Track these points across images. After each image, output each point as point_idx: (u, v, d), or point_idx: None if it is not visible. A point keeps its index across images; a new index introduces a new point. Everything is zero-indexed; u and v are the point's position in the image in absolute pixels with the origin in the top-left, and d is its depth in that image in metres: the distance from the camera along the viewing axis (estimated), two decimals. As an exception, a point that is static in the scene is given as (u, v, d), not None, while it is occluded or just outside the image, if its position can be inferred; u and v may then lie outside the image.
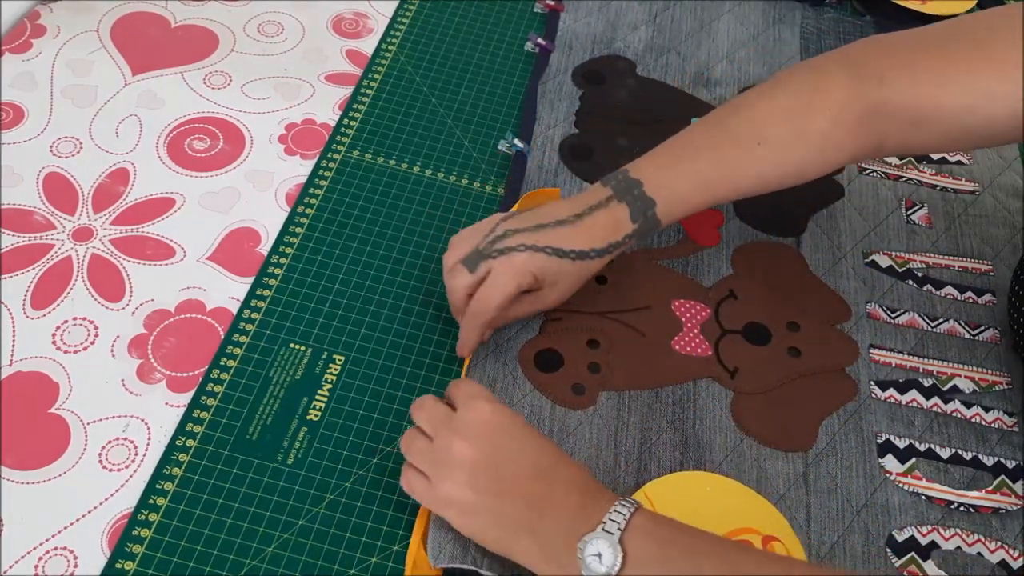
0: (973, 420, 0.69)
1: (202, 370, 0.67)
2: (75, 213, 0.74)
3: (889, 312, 0.74)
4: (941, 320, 0.74)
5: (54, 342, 0.67)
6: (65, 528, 0.59)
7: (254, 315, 0.70)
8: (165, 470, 0.62)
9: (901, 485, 0.65)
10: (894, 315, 0.74)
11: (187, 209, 0.76)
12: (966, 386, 0.71)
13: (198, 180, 0.78)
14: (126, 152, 0.79)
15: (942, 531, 0.63)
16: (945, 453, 0.67)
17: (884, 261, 0.78)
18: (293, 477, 0.62)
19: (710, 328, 0.72)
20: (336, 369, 0.68)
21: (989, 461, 0.67)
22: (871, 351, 0.72)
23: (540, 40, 0.91)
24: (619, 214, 0.65)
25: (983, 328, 0.74)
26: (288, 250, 0.74)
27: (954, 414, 0.69)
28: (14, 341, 0.67)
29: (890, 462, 0.66)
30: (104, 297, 0.70)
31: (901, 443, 0.67)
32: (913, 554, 0.62)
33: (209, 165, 0.79)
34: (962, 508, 0.64)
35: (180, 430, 0.64)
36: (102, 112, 0.81)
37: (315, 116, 0.84)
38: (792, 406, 0.68)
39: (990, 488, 0.65)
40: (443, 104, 0.86)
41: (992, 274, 0.78)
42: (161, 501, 0.60)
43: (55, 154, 0.78)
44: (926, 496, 0.65)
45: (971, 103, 0.62)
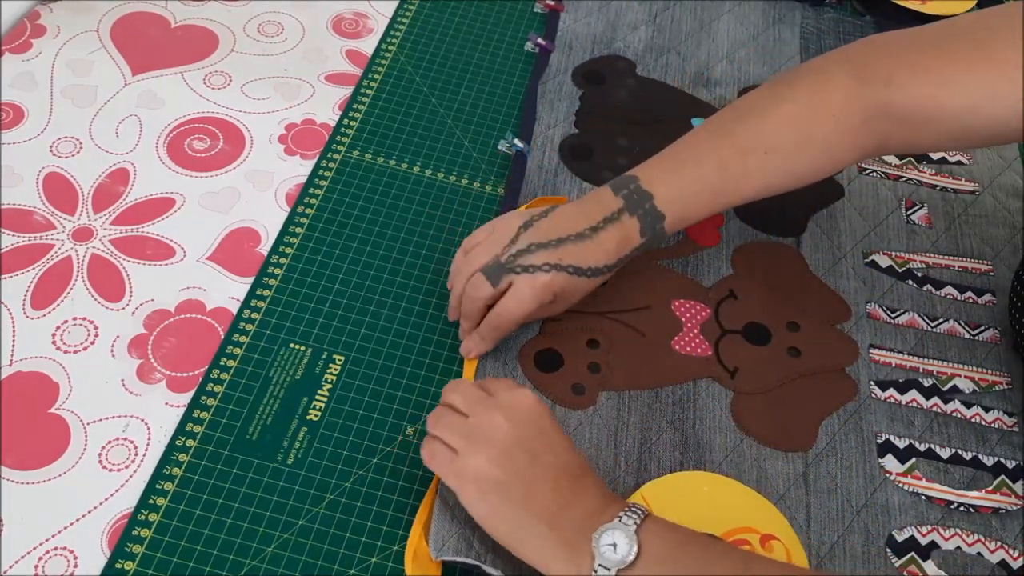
0: (973, 420, 0.69)
1: (202, 370, 0.67)
2: (75, 213, 0.74)
3: (889, 312, 0.74)
4: (941, 320, 0.74)
5: (54, 342, 0.67)
6: (65, 528, 0.59)
7: (254, 315, 0.70)
8: (165, 470, 0.62)
9: (901, 485, 0.65)
10: (894, 315, 0.74)
11: (187, 209, 0.76)
12: (966, 386, 0.71)
13: (198, 180, 0.78)
14: (126, 152, 0.79)
15: (942, 531, 0.63)
16: (945, 453, 0.67)
17: (884, 261, 0.78)
18: (293, 477, 0.62)
19: (710, 328, 0.72)
20: (336, 369, 0.68)
21: (989, 461, 0.67)
22: (871, 351, 0.72)
23: (540, 40, 0.91)
24: (630, 229, 0.66)
25: (983, 328, 0.74)
26: (288, 250, 0.74)
27: (954, 414, 0.69)
28: (14, 341, 0.67)
29: (890, 462, 0.66)
30: (104, 297, 0.70)
31: (901, 443, 0.67)
32: (913, 554, 0.62)
33: (209, 165, 0.79)
34: (962, 508, 0.64)
35: (180, 430, 0.64)
36: (102, 112, 0.81)
37: (315, 116, 0.84)
38: (792, 406, 0.68)
39: (990, 488, 0.65)
40: (443, 104, 0.86)
41: (992, 274, 0.78)
42: (161, 501, 0.60)
43: (55, 154, 0.78)
44: (926, 496, 0.65)
45: (974, 104, 0.62)
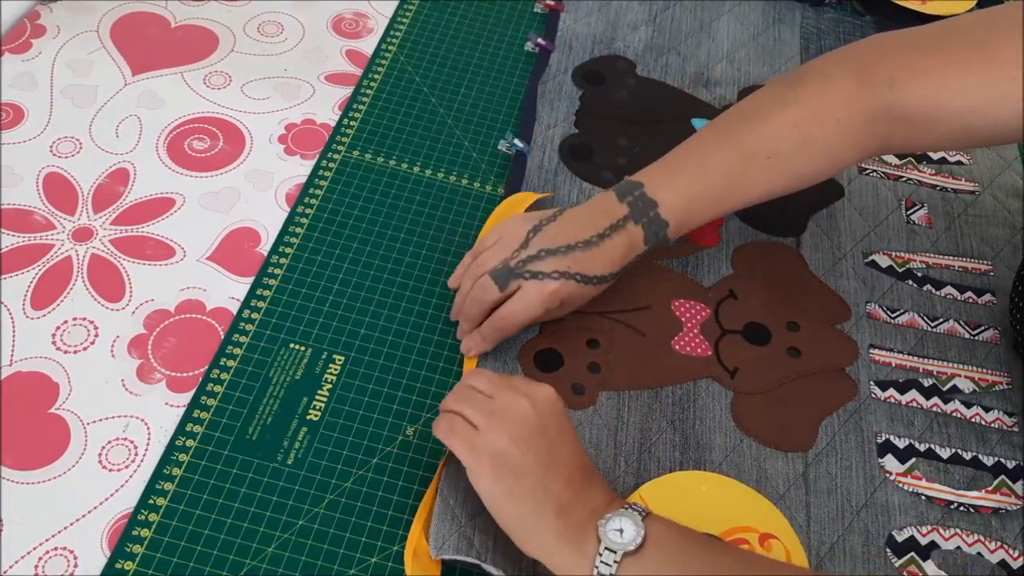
0: (973, 420, 0.69)
1: (202, 370, 0.67)
2: (75, 213, 0.74)
3: (889, 312, 0.74)
4: (941, 320, 0.74)
5: (54, 342, 0.67)
6: (65, 528, 0.59)
7: (254, 315, 0.70)
8: (165, 470, 0.62)
9: (901, 485, 0.65)
10: (894, 315, 0.74)
11: (187, 209, 0.76)
12: (966, 386, 0.71)
13: (198, 180, 0.78)
14: (126, 152, 0.79)
15: (942, 531, 0.63)
16: (945, 453, 0.67)
17: (884, 261, 0.78)
18: (293, 477, 0.62)
19: (710, 328, 0.72)
20: (336, 369, 0.68)
21: (989, 461, 0.67)
22: (871, 351, 0.72)
23: (540, 40, 0.91)
24: (634, 236, 0.66)
25: (983, 328, 0.74)
26: (288, 250, 0.74)
27: (954, 414, 0.69)
28: (14, 341, 0.67)
29: (890, 462, 0.66)
30: (104, 297, 0.70)
31: (901, 443, 0.67)
32: (913, 554, 0.62)
33: (209, 165, 0.79)
34: (962, 508, 0.64)
35: (180, 430, 0.64)
36: (102, 112, 0.81)
37: (315, 116, 0.84)
38: (792, 406, 0.68)
39: (990, 488, 0.65)
40: (443, 104, 0.86)
41: (992, 274, 0.78)
42: (161, 501, 0.60)
43: (55, 154, 0.78)
44: (926, 496, 0.65)
45: (976, 104, 0.62)
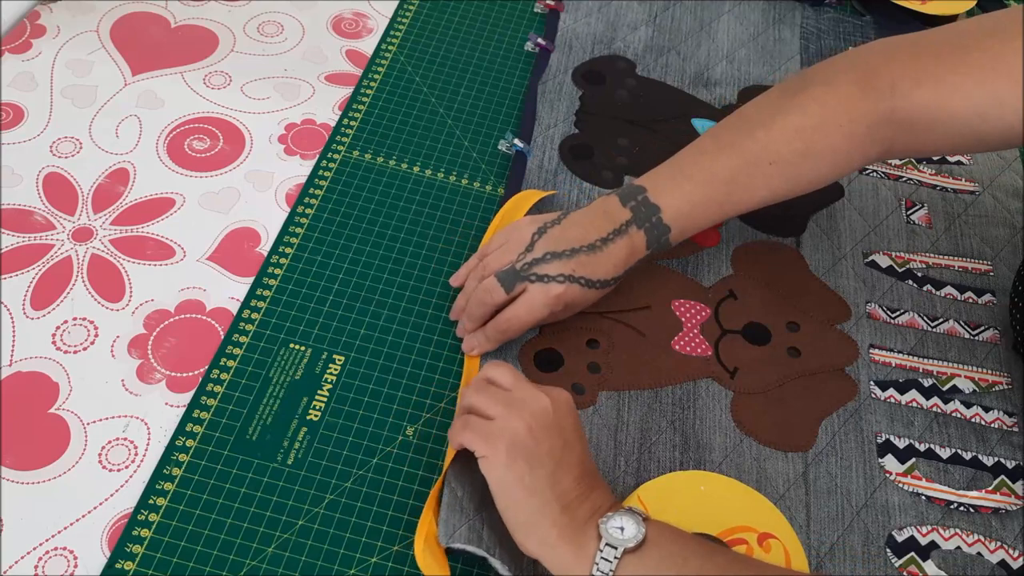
0: (973, 420, 0.69)
1: (202, 370, 0.67)
2: (75, 213, 0.74)
3: (889, 312, 0.74)
4: (941, 320, 0.74)
5: (54, 342, 0.67)
6: (65, 528, 0.59)
7: (254, 315, 0.70)
8: (165, 470, 0.62)
9: (901, 485, 0.65)
10: (894, 315, 0.74)
11: (187, 209, 0.76)
12: (966, 386, 0.71)
13: (198, 180, 0.78)
14: (126, 152, 0.79)
15: (942, 531, 0.63)
16: (945, 453, 0.67)
17: (884, 261, 0.78)
18: (293, 477, 0.62)
19: (710, 328, 0.72)
20: (336, 369, 0.68)
21: (989, 461, 0.67)
22: (871, 351, 0.72)
23: (540, 40, 0.91)
24: (636, 241, 0.67)
25: (983, 328, 0.74)
26: (288, 250, 0.74)
27: (954, 414, 0.69)
28: (14, 341, 0.67)
29: (890, 462, 0.66)
30: (104, 297, 0.70)
31: (901, 443, 0.67)
32: (913, 554, 0.62)
33: (209, 165, 0.79)
34: (962, 508, 0.64)
35: (180, 430, 0.64)
36: (102, 112, 0.81)
37: (315, 116, 0.84)
38: (792, 406, 0.68)
39: (990, 488, 0.65)
40: (443, 104, 0.86)
41: (992, 274, 0.78)
42: (161, 501, 0.60)
43: (55, 154, 0.78)
44: (926, 496, 0.65)
45: (982, 110, 0.62)
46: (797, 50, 0.94)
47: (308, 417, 0.65)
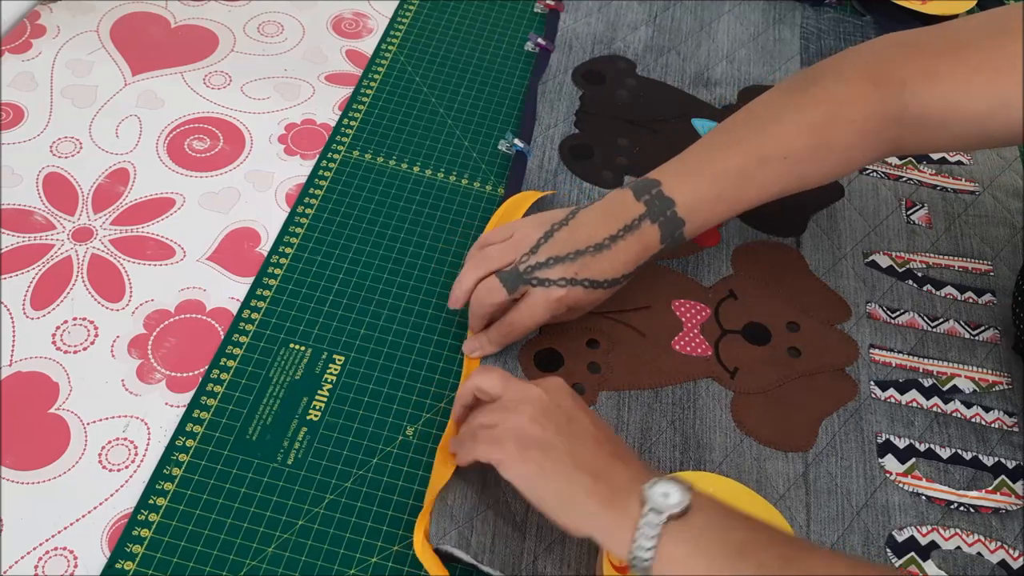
0: (973, 420, 0.69)
1: (202, 370, 0.67)
2: (75, 213, 0.74)
3: (889, 312, 0.74)
4: (941, 320, 0.74)
5: (54, 342, 0.67)
6: (65, 528, 0.59)
7: (254, 315, 0.70)
8: (165, 470, 0.62)
9: (901, 485, 0.65)
10: (894, 315, 0.74)
11: (187, 209, 0.76)
12: (966, 386, 0.71)
13: (198, 180, 0.78)
14: (126, 152, 0.79)
15: (942, 531, 0.63)
16: (945, 453, 0.67)
17: (884, 261, 0.78)
18: (293, 477, 0.62)
19: (710, 328, 0.72)
20: (336, 369, 0.68)
21: (989, 461, 0.67)
22: (871, 351, 0.72)
23: (540, 40, 0.91)
24: (650, 236, 0.66)
25: (983, 328, 0.74)
26: (288, 250, 0.74)
27: (954, 414, 0.69)
28: (14, 341, 0.67)
29: (890, 462, 0.66)
30: (104, 297, 0.70)
31: (901, 443, 0.67)
32: (913, 554, 0.62)
33: (209, 165, 0.79)
34: (962, 508, 0.64)
35: (180, 430, 0.64)
36: (102, 112, 0.81)
37: (315, 116, 0.84)
38: (792, 406, 0.68)
39: (990, 488, 0.65)
40: (443, 104, 0.86)
41: (992, 274, 0.78)
42: (161, 501, 0.60)
43: (55, 154, 0.78)
44: (926, 496, 0.65)
45: (991, 107, 0.62)
46: (797, 50, 0.94)
47: (308, 417, 0.65)
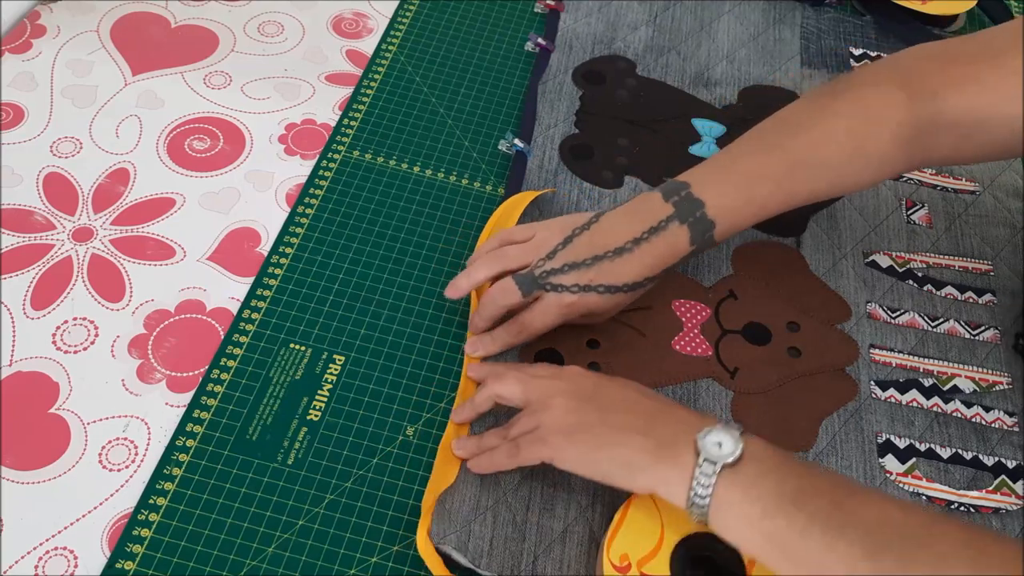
0: (973, 420, 0.69)
1: (202, 370, 0.67)
2: (75, 213, 0.74)
3: (889, 312, 0.74)
4: (941, 320, 0.74)
5: (54, 342, 0.67)
6: (65, 528, 0.59)
7: (254, 315, 0.70)
8: (165, 470, 0.62)
9: (901, 485, 0.65)
10: (894, 315, 0.74)
11: (187, 209, 0.76)
12: (966, 386, 0.71)
13: (198, 180, 0.78)
14: (126, 152, 0.79)
15: (942, 531, 0.63)
16: (945, 453, 0.67)
17: (884, 261, 0.78)
18: (293, 477, 0.62)
19: (710, 328, 0.72)
20: (336, 369, 0.68)
21: (989, 461, 0.67)
22: (871, 351, 0.72)
23: (540, 40, 0.91)
24: (679, 237, 0.65)
25: (983, 328, 0.74)
26: (288, 250, 0.74)
27: (954, 414, 0.69)
28: (14, 341, 0.67)
29: (890, 462, 0.66)
30: (104, 297, 0.70)
31: (901, 443, 0.67)
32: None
33: (209, 165, 0.79)
34: (962, 508, 0.64)
35: (180, 430, 0.64)
36: (102, 112, 0.81)
37: (315, 116, 0.84)
38: (792, 406, 0.68)
39: (990, 488, 0.65)
40: (443, 104, 0.86)
41: (992, 274, 0.78)
42: (161, 501, 0.60)
43: (55, 154, 0.78)
44: (926, 496, 0.65)
45: (1019, 111, 0.62)
46: (797, 50, 0.94)
47: (308, 417, 0.65)
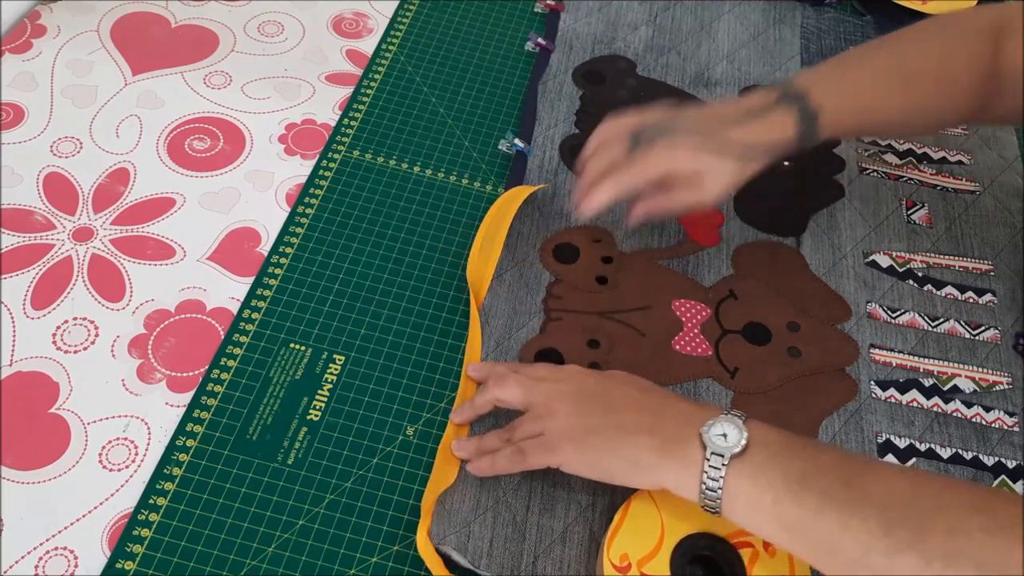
0: (973, 420, 0.69)
1: (202, 370, 0.67)
2: (75, 213, 0.74)
3: (889, 312, 0.74)
4: (941, 320, 0.74)
5: (54, 342, 0.67)
6: (65, 528, 0.59)
7: (254, 315, 0.70)
8: (165, 470, 0.62)
9: (901, 485, 0.65)
10: (894, 315, 0.74)
11: (187, 209, 0.76)
12: (966, 386, 0.71)
13: (198, 180, 0.78)
14: (126, 152, 0.79)
15: (942, 531, 0.63)
16: (945, 453, 0.67)
17: (884, 261, 0.78)
18: (293, 477, 0.62)
19: (710, 328, 0.72)
20: (336, 369, 0.68)
21: (989, 461, 0.67)
22: (871, 351, 0.72)
23: (540, 40, 0.91)
24: (785, 121, 0.66)
25: (983, 328, 0.74)
26: (288, 250, 0.74)
27: (954, 414, 0.69)
28: (14, 341, 0.67)
29: (891, 462, 0.66)
30: (104, 297, 0.70)
31: (901, 443, 0.67)
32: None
33: (209, 165, 0.79)
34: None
35: (180, 430, 0.64)
36: (102, 112, 0.81)
37: (315, 116, 0.84)
38: (792, 406, 0.68)
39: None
40: (443, 104, 0.86)
41: (992, 274, 0.78)
42: (161, 501, 0.60)
43: (55, 154, 0.78)
44: (926, 496, 0.65)
45: None
46: (798, 50, 0.94)
47: (308, 417, 0.65)
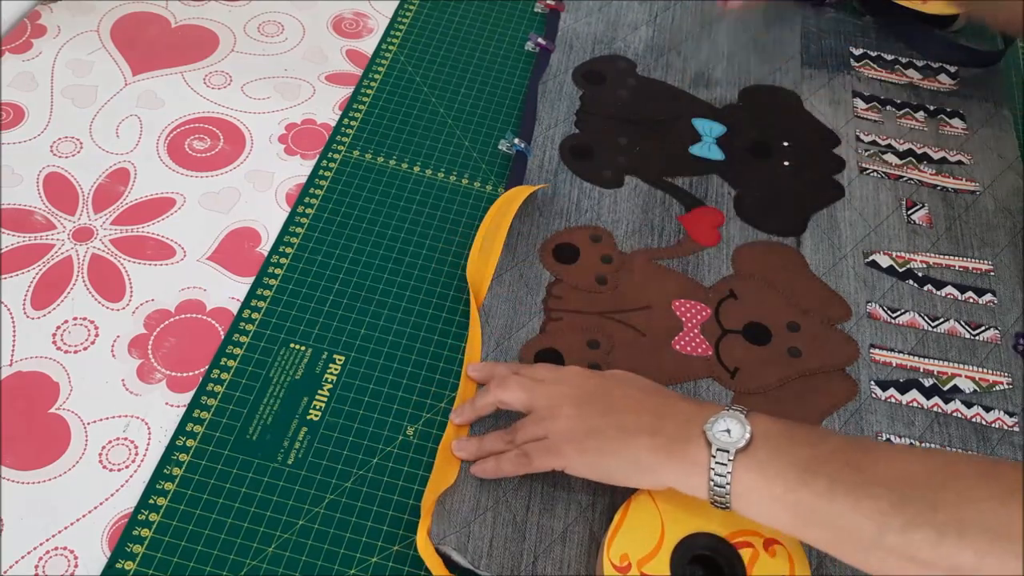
0: (973, 420, 0.69)
1: (202, 370, 0.67)
2: (75, 213, 0.74)
3: (889, 312, 0.74)
4: (941, 320, 0.74)
5: (54, 342, 0.67)
6: (65, 528, 0.59)
7: (254, 315, 0.70)
8: (165, 470, 0.62)
9: (901, 485, 0.65)
10: (894, 315, 0.74)
11: (187, 209, 0.76)
12: (967, 386, 0.71)
13: (198, 180, 0.78)
14: (126, 152, 0.79)
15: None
16: (945, 453, 0.67)
17: (884, 261, 0.78)
18: (293, 477, 0.62)
19: (710, 328, 0.72)
20: (336, 369, 0.68)
21: (989, 461, 0.67)
22: (871, 351, 0.72)
23: (540, 40, 0.91)
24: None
25: (983, 328, 0.74)
26: (288, 250, 0.74)
27: (954, 414, 0.69)
28: (14, 341, 0.67)
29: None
30: (104, 297, 0.70)
31: (902, 443, 0.67)
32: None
33: (209, 165, 0.79)
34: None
35: (180, 430, 0.64)
36: (102, 112, 0.81)
37: (315, 116, 0.84)
38: (792, 406, 0.68)
39: (990, 488, 0.65)
40: (443, 104, 0.86)
41: (992, 274, 0.78)
42: (161, 501, 0.60)
43: (55, 154, 0.78)
44: (926, 496, 0.65)
45: None
46: (797, 50, 0.94)
47: (308, 417, 0.65)
